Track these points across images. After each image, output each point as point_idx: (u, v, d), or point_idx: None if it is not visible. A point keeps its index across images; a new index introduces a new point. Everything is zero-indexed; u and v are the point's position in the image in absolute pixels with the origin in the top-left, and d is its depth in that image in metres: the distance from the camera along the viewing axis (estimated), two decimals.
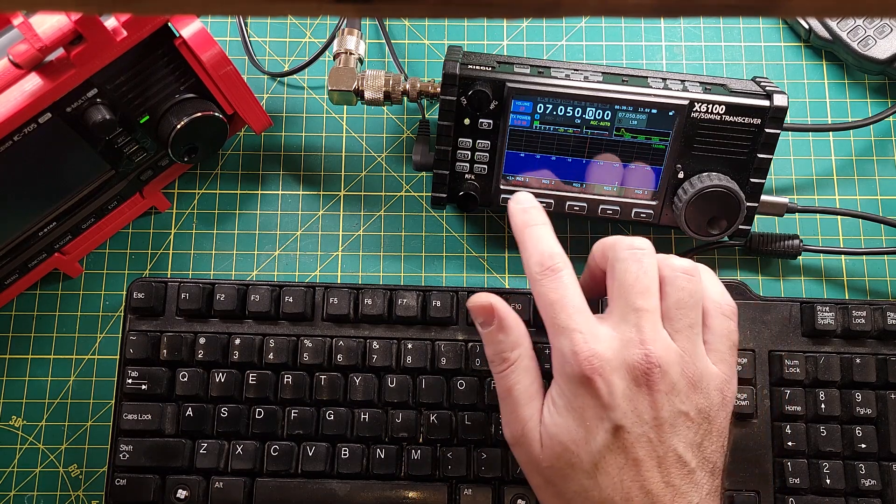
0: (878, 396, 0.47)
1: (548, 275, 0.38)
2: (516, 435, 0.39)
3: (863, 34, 0.53)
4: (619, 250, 0.39)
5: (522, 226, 0.41)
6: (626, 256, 0.38)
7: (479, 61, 0.47)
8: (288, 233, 0.53)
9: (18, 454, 0.50)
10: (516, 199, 0.42)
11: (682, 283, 0.38)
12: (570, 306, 0.38)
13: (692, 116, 0.46)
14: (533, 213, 0.41)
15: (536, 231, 0.40)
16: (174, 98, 0.46)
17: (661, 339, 0.37)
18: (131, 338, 0.47)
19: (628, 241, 0.39)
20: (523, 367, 0.39)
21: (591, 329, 0.37)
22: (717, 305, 0.39)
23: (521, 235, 0.41)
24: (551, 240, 0.40)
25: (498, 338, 0.40)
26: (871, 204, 0.54)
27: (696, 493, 0.36)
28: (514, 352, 0.39)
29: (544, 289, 0.38)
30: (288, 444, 0.46)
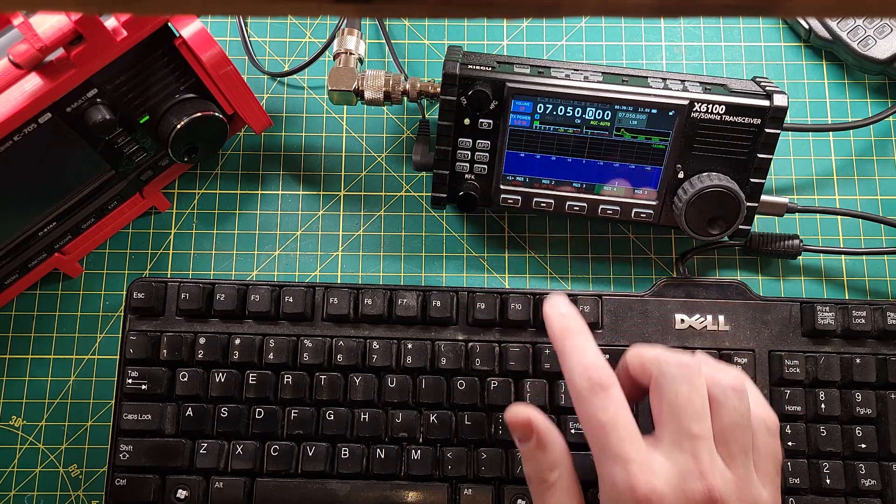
0: (878, 396, 0.47)
1: (597, 392, 0.36)
2: None
3: (863, 34, 0.53)
4: (666, 367, 0.36)
5: (563, 333, 0.38)
6: (676, 375, 0.36)
7: (479, 61, 0.47)
8: (288, 233, 0.53)
9: (18, 454, 0.50)
10: (552, 302, 0.40)
11: (734, 404, 0.36)
12: (622, 429, 0.35)
13: (692, 116, 0.46)
14: (572, 320, 0.38)
15: (579, 341, 0.37)
16: (174, 98, 0.46)
17: (719, 470, 0.35)
18: (131, 338, 0.47)
19: (675, 358, 0.36)
20: (564, 488, 0.37)
21: (646, 459, 0.35)
22: (762, 423, 0.37)
23: (562, 345, 0.38)
24: (596, 351, 0.37)
25: (537, 456, 0.38)
26: (871, 204, 0.54)
27: None
28: (553, 472, 0.37)
29: (594, 408, 0.35)
30: (288, 444, 0.46)
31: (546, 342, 0.48)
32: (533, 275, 0.53)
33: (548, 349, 0.47)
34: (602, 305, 0.49)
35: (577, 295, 0.48)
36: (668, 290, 0.50)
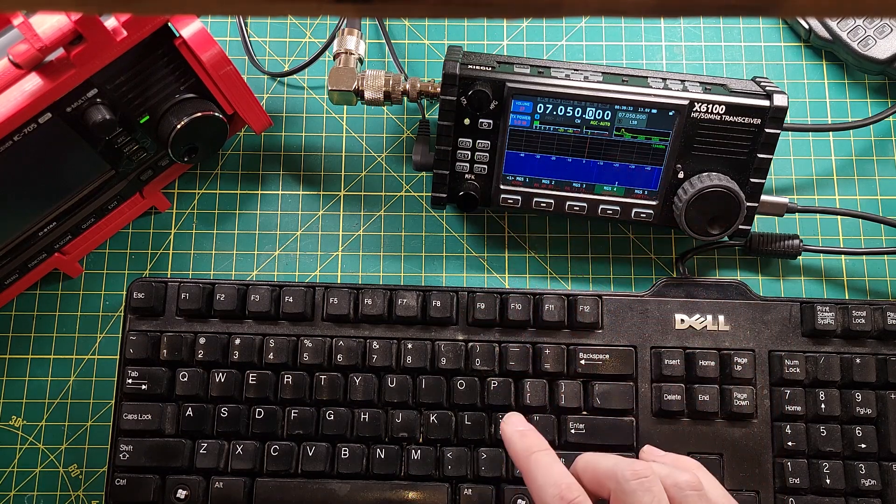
0: (878, 396, 0.47)
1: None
2: None
3: (863, 34, 0.53)
4: (624, 483, 0.36)
5: (526, 452, 0.39)
6: (635, 488, 0.36)
7: (479, 61, 0.47)
8: (288, 233, 0.53)
9: (18, 454, 0.50)
10: (510, 421, 0.40)
11: (694, 502, 0.37)
12: None
13: (692, 116, 0.46)
14: (533, 438, 0.39)
15: (544, 458, 0.38)
16: (174, 98, 0.46)
17: None
18: (131, 338, 0.47)
19: (631, 470, 0.36)
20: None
21: None
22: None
23: (527, 463, 0.38)
24: (562, 467, 0.38)
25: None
26: (871, 204, 0.54)
27: None
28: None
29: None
30: (288, 444, 0.46)
31: (546, 342, 0.48)
32: (533, 275, 0.53)
33: (548, 349, 0.47)
34: (602, 305, 0.49)
35: (577, 295, 0.48)
36: (668, 290, 0.50)
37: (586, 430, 0.47)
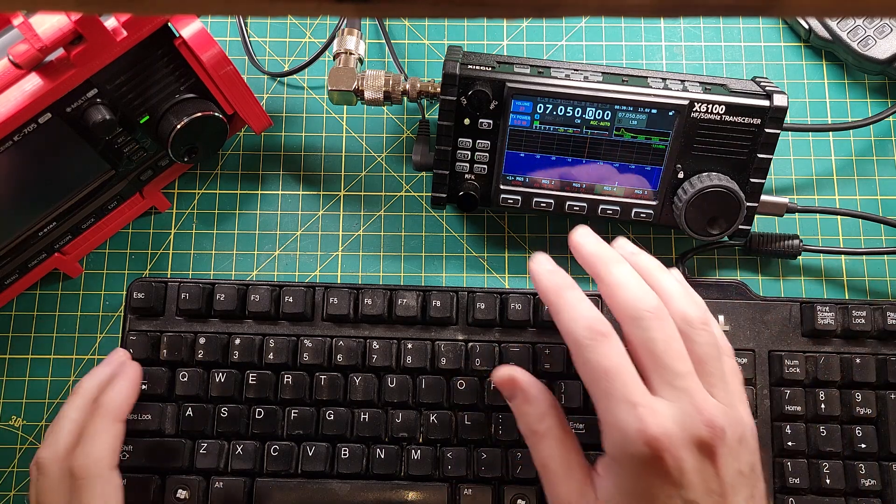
0: (878, 396, 0.47)
1: (599, 340, 0.36)
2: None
3: (863, 34, 0.53)
4: (637, 316, 0.37)
5: (556, 289, 0.39)
6: (649, 323, 0.37)
7: (479, 61, 0.47)
8: (288, 233, 0.53)
9: (18, 454, 0.50)
10: (538, 260, 0.41)
11: (705, 339, 0.38)
12: (627, 375, 0.36)
13: (692, 116, 0.46)
14: (562, 276, 0.40)
15: (574, 294, 0.38)
16: (174, 98, 0.46)
17: (711, 402, 0.36)
18: (131, 338, 0.47)
19: (646, 306, 0.37)
20: (556, 437, 0.38)
21: (651, 402, 0.35)
22: (723, 349, 0.39)
23: (556, 299, 0.39)
24: (590, 303, 0.38)
25: (523, 409, 0.39)
26: (871, 204, 0.54)
27: None
28: (542, 423, 0.38)
29: (598, 356, 0.36)
30: (288, 444, 0.46)
31: (546, 342, 0.48)
32: None
33: (548, 349, 0.47)
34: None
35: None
36: None
37: (586, 429, 0.47)
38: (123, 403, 0.43)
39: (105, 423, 0.42)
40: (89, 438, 0.41)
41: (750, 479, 0.37)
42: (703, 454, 0.35)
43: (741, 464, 0.36)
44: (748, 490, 0.36)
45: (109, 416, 0.42)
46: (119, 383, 0.43)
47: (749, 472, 0.37)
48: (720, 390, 0.37)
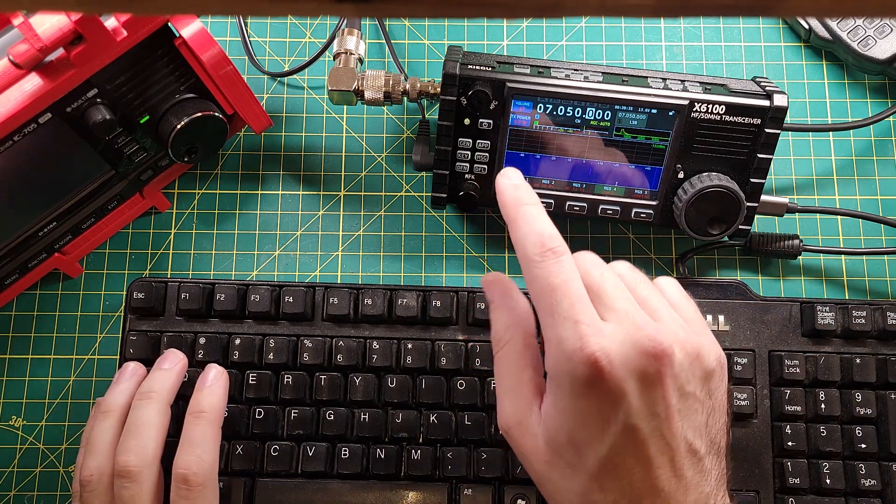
0: (878, 396, 0.47)
1: (549, 257, 0.35)
2: (505, 427, 0.37)
3: (863, 34, 0.53)
4: (577, 259, 0.37)
5: (515, 203, 0.38)
6: (588, 267, 0.37)
7: (479, 61, 0.47)
8: (288, 233, 0.53)
9: (18, 454, 0.50)
10: (505, 174, 0.40)
11: (636, 276, 0.38)
12: (574, 294, 0.35)
13: (692, 116, 0.46)
14: (525, 192, 0.39)
15: (532, 210, 0.37)
16: (174, 98, 0.46)
17: (654, 324, 0.35)
18: (131, 338, 0.47)
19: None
20: (515, 350, 0.37)
21: (596, 322, 0.34)
22: (663, 280, 0.40)
23: (514, 213, 0.38)
24: (549, 221, 0.37)
25: (496, 315, 0.39)
26: (871, 204, 0.54)
27: (706, 482, 0.35)
28: (507, 331, 0.38)
29: (544, 272, 0.35)
30: (288, 444, 0.46)
31: None
32: None
33: None
34: None
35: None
36: None
37: None
38: (223, 409, 0.44)
39: (213, 430, 0.42)
40: (199, 445, 0.41)
41: (703, 403, 0.35)
42: (648, 376, 0.33)
43: (693, 385, 0.35)
44: (701, 416, 0.35)
45: (215, 423, 0.43)
46: (216, 390, 0.44)
47: (703, 395, 0.35)
48: (665, 316, 0.36)
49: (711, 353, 0.36)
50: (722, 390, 0.37)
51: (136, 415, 0.42)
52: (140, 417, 0.42)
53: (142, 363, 0.47)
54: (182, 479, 0.40)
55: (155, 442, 0.41)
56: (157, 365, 0.45)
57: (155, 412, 0.42)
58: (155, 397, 0.43)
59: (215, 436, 0.42)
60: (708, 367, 0.36)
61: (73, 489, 0.43)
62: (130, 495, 0.39)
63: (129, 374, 0.45)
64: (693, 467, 0.34)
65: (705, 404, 0.35)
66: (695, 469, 0.34)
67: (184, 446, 0.41)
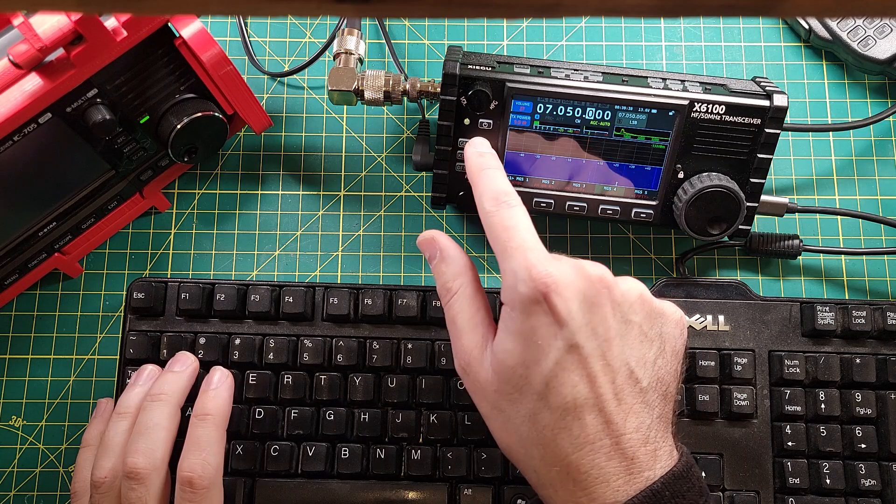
0: (878, 396, 0.47)
1: (503, 207, 0.39)
2: (463, 364, 0.39)
3: (863, 34, 0.53)
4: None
5: (478, 168, 0.42)
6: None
7: (479, 61, 0.47)
8: (288, 233, 0.53)
9: (18, 454, 0.50)
10: (472, 143, 0.44)
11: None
12: (525, 232, 0.38)
13: (692, 116, 0.46)
14: (488, 158, 0.43)
15: (491, 173, 0.42)
16: (174, 98, 0.46)
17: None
18: (131, 338, 0.47)
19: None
20: (466, 295, 0.40)
21: (545, 252, 0.37)
22: None
23: (476, 177, 0.42)
24: (506, 181, 0.41)
25: (440, 269, 0.41)
26: (871, 204, 0.54)
27: (648, 414, 0.36)
28: (455, 281, 0.40)
29: (498, 218, 0.39)
30: (288, 444, 0.46)
31: None
32: None
33: None
34: None
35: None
36: (668, 290, 0.50)
37: None
38: (228, 411, 0.44)
39: (218, 432, 0.42)
40: (204, 447, 0.41)
41: (652, 342, 0.37)
42: (589, 297, 0.36)
43: (639, 317, 0.37)
44: (648, 350, 0.37)
45: (220, 425, 0.43)
46: (221, 392, 0.44)
47: (651, 333, 0.37)
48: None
49: (672, 315, 0.39)
50: (679, 340, 0.39)
51: (146, 417, 0.42)
52: (150, 419, 0.42)
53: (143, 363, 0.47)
54: (187, 482, 0.40)
55: (164, 444, 0.41)
56: (169, 367, 0.45)
57: (165, 414, 0.42)
58: (165, 399, 0.43)
59: (220, 438, 0.42)
60: (658, 309, 0.38)
61: (72, 489, 0.43)
62: (138, 496, 0.39)
63: (146, 376, 0.45)
64: (634, 395, 0.36)
65: (654, 343, 0.38)
66: (636, 397, 0.36)
67: (189, 449, 0.41)
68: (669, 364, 0.38)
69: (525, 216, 0.39)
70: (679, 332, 0.39)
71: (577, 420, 0.35)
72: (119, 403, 0.44)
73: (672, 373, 0.38)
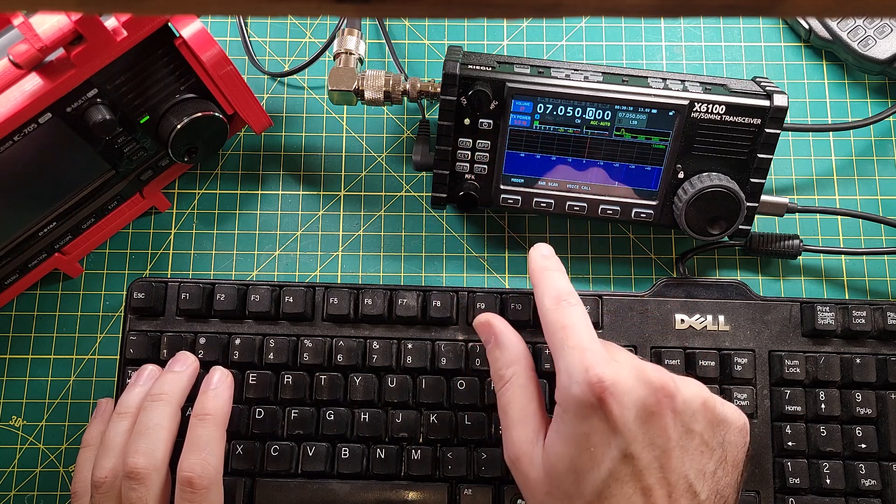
0: (878, 396, 0.47)
1: (563, 307, 0.38)
2: (512, 458, 0.38)
3: (863, 34, 0.53)
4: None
5: (541, 269, 0.41)
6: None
7: (479, 61, 0.47)
8: (288, 233, 0.53)
9: (18, 454, 0.50)
10: (537, 248, 0.43)
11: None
12: (583, 331, 0.37)
13: (692, 116, 0.46)
14: (552, 261, 0.42)
15: (554, 274, 0.41)
16: (174, 98, 0.46)
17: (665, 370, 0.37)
18: (131, 338, 0.47)
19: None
20: (519, 384, 0.39)
21: (603, 353, 0.36)
22: None
23: (538, 276, 0.41)
24: (567, 283, 0.40)
25: (495, 354, 0.40)
26: (871, 204, 0.54)
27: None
28: (509, 369, 0.39)
29: (559, 316, 0.38)
30: (288, 444, 0.46)
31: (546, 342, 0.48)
32: None
33: (547, 350, 0.47)
34: (602, 305, 0.49)
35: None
36: (668, 290, 0.50)
37: None
38: (228, 411, 0.44)
39: (218, 432, 0.42)
40: (204, 447, 0.41)
41: (713, 451, 0.36)
42: (650, 405, 0.34)
43: (701, 426, 0.35)
44: (708, 461, 0.35)
45: (220, 425, 0.43)
46: (221, 392, 0.44)
47: (713, 443, 0.36)
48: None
49: (736, 421, 0.37)
50: (741, 450, 0.37)
51: (147, 417, 0.42)
52: (150, 419, 0.42)
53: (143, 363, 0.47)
54: (187, 482, 0.40)
55: (164, 444, 0.41)
56: (169, 367, 0.45)
57: (165, 415, 0.42)
58: (166, 399, 0.43)
59: (220, 438, 0.42)
60: (721, 416, 0.36)
61: (72, 489, 0.43)
62: (138, 496, 0.39)
63: (146, 376, 0.45)
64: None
65: (715, 452, 0.36)
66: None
67: (189, 449, 0.41)
68: (730, 475, 0.36)
69: (585, 317, 0.38)
70: (742, 441, 0.37)
71: None
72: (119, 403, 0.44)
73: (732, 484, 0.36)
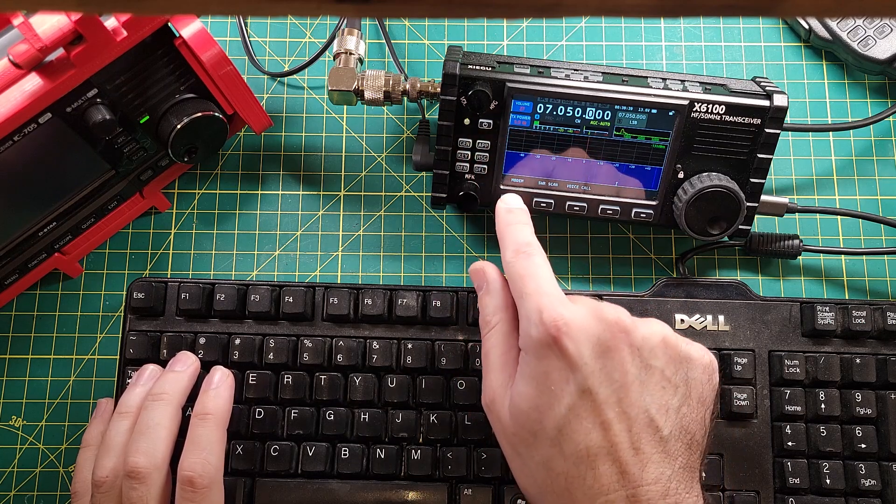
0: (878, 396, 0.47)
1: (522, 257, 0.39)
2: (488, 401, 0.39)
3: (863, 34, 0.53)
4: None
5: (505, 224, 0.43)
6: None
7: (479, 61, 0.47)
8: (288, 233, 0.53)
9: (18, 454, 0.50)
10: (504, 199, 0.45)
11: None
12: (542, 278, 0.38)
13: (692, 116, 0.46)
14: (517, 214, 0.43)
15: (516, 227, 0.42)
16: (174, 98, 0.46)
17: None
18: (131, 338, 0.47)
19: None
20: (502, 331, 0.39)
21: (560, 296, 0.37)
22: None
23: (503, 232, 0.42)
24: (529, 234, 0.41)
25: (484, 300, 0.41)
26: (871, 204, 0.54)
27: (669, 465, 0.34)
28: (496, 315, 0.40)
29: (517, 266, 0.39)
30: (288, 444, 0.46)
31: None
32: None
33: None
34: None
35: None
36: (668, 290, 0.50)
37: None
38: (229, 411, 0.44)
39: (219, 432, 0.42)
40: (205, 447, 0.41)
41: (676, 388, 0.36)
42: (604, 341, 0.35)
43: (662, 361, 0.36)
44: (672, 397, 0.36)
45: (221, 425, 0.43)
46: (222, 392, 0.44)
47: (676, 379, 0.36)
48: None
49: (701, 359, 0.37)
50: (706, 386, 0.37)
51: (147, 416, 0.42)
52: (151, 419, 0.42)
53: (143, 363, 0.47)
54: (187, 482, 0.40)
55: (165, 444, 0.41)
56: (170, 366, 0.45)
57: (166, 414, 0.42)
58: (166, 399, 0.43)
59: (221, 438, 0.42)
60: (684, 353, 0.37)
61: (73, 489, 0.43)
62: (139, 496, 0.39)
63: (147, 376, 0.45)
64: (653, 444, 0.35)
65: (679, 388, 0.36)
66: (655, 447, 0.35)
67: (189, 448, 0.41)
68: (695, 412, 0.36)
69: (544, 265, 0.39)
70: (707, 377, 0.37)
71: (590, 469, 0.34)
72: (120, 403, 0.44)
73: (698, 421, 0.36)
